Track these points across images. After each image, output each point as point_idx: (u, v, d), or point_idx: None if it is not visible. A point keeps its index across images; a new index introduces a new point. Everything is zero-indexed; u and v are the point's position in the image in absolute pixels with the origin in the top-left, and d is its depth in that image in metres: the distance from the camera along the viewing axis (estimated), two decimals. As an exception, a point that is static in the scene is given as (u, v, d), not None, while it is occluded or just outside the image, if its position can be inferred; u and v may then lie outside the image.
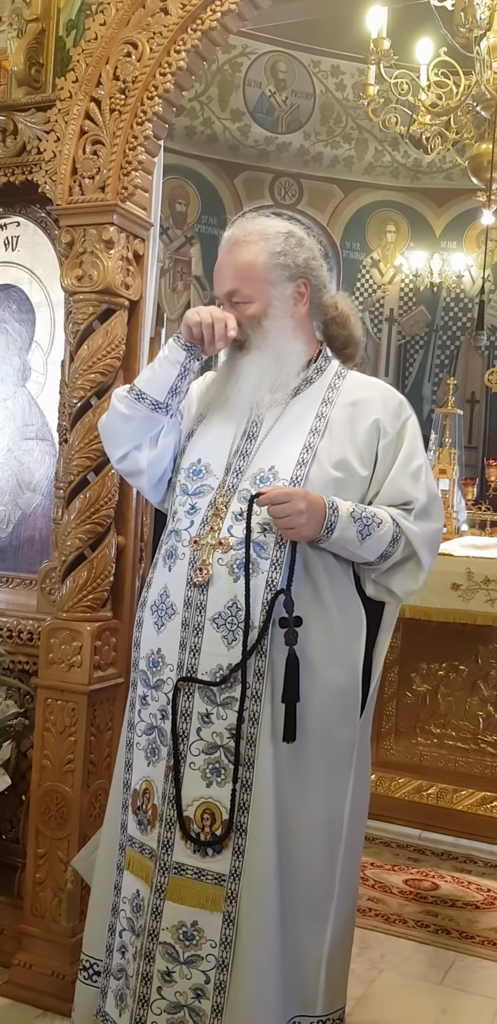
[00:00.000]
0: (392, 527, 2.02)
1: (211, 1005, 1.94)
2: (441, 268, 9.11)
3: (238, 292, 2.08)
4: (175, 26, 2.61)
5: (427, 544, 2.06)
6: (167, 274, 8.68)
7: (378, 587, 2.09)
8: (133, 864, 2.08)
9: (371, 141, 8.81)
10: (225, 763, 1.96)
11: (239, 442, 2.10)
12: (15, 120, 2.84)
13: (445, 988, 2.82)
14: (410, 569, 2.07)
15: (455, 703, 4.15)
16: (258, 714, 1.95)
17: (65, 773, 2.62)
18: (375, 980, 2.82)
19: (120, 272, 2.68)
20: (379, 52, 5.25)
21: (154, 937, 1.97)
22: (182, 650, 2.00)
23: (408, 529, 2.03)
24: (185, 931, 1.96)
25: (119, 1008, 2.06)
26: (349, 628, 2.05)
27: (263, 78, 8.42)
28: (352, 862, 2.10)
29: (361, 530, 1.99)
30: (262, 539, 1.98)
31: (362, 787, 2.12)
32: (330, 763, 2.02)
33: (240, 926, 1.93)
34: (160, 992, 1.97)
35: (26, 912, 2.66)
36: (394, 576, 2.07)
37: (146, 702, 2.08)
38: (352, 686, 2.04)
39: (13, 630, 2.86)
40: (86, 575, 2.64)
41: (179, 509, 2.09)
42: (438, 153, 6.05)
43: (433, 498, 2.09)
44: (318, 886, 2.02)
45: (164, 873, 1.98)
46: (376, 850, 3.81)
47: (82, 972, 2.20)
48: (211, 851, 1.96)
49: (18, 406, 3.10)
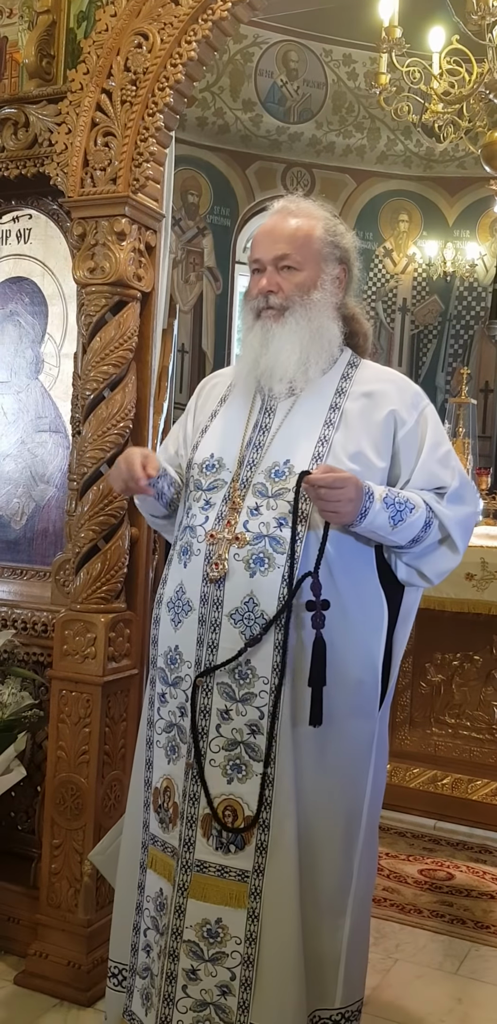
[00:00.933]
0: (425, 511, 2.00)
1: (237, 1002, 1.93)
2: (454, 257, 9.05)
3: (290, 257, 2.05)
4: (186, 17, 2.60)
5: (461, 526, 2.04)
6: (179, 265, 8.67)
7: (410, 570, 2.07)
8: (156, 862, 2.06)
9: (383, 130, 8.76)
10: (246, 759, 1.95)
11: (252, 434, 2.08)
12: (26, 112, 2.84)
13: (460, 977, 2.82)
14: (443, 552, 2.05)
15: (470, 693, 4.13)
16: (278, 709, 1.93)
17: (80, 764, 2.63)
18: (390, 970, 2.83)
19: (132, 264, 2.68)
20: (391, 40, 5.21)
21: (178, 935, 1.96)
22: (199, 647, 1.99)
23: (441, 513, 2.01)
24: (209, 928, 1.95)
25: (145, 1007, 2.06)
26: (369, 620, 2.03)
27: (275, 68, 8.38)
28: (369, 855, 2.10)
29: (393, 516, 1.96)
30: (278, 534, 1.96)
31: (380, 779, 2.12)
32: (350, 756, 2.01)
33: (264, 922, 1.92)
34: (185, 990, 1.96)
35: (42, 902, 2.68)
36: (427, 559, 2.05)
37: (165, 699, 2.07)
38: (371, 678, 2.03)
39: (27, 622, 2.87)
40: (100, 567, 2.65)
41: (193, 505, 2.08)
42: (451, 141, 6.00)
43: (465, 482, 2.08)
44: (337, 879, 2.01)
45: (186, 871, 1.97)
46: (391, 840, 3.81)
47: (111, 979, 2.18)
48: (234, 848, 1.95)
49: (31, 398, 3.11)
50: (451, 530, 2.03)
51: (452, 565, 2.07)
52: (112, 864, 2.27)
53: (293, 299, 2.05)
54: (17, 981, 2.65)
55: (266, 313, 2.06)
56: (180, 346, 8.55)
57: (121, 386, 2.68)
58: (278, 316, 2.05)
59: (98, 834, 2.59)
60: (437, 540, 2.03)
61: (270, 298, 2.06)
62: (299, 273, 2.06)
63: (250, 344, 2.10)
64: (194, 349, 8.83)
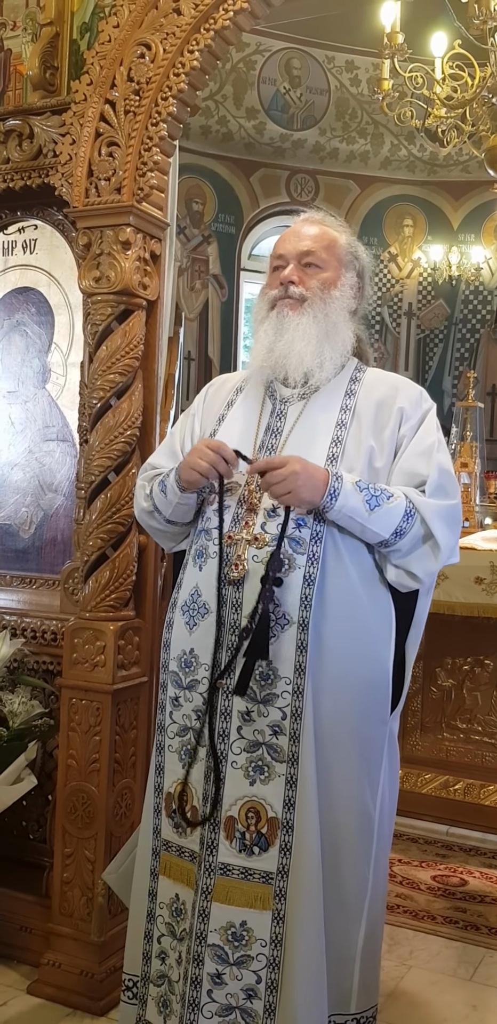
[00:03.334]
0: (404, 501, 1.98)
1: (263, 1005, 1.92)
2: (459, 261, 9.05)
3: (315, 254, 2.12)
4: (188, 26, 2.61)
5: (441, 517, 2.00)
6: (185, 273, 8.69)
7: (399, 571, 2.03)
8: (170, 868, 2.06)
9: (387, 135, 8.77)
10: (268, 760, 1.95)
11: (263, 437, 2.09)
12: (31, 124, 2.86)
13: (475, 984, 2.80)
14: (429, 549, 2.01)
15: (481, 698, 4.11)
16: (300, 709, 1.93)
17: (90, 772, 2.63)
18: (404, 977, 2.81)
19: (137, 272, 2.68)
20: (393, 46, 5.23)
21: (202, 940, 1.94)
22: (218, 649, 1.99)
23: (421, 503, 1.98)
24: (234, 932, 1.94)
25: (163, 1015, 2.04)
26: (378, 624, 2.03)
27: (277, 75, 8.41)
28: (383, 859, 2.09)
29: (368, 500, 1.95)
30: (297, 535, 1.97)
31: (393, 784, 2.11)
32: (364, 759, 2.01)
33: (288, 923, 1.92)
34: (210, 995, 1.94)
35: (54, 911, 2.68)
36: (414, 556, 2.01)
37: (178, 703, 2.06)
38: (382, 680, 2.03)
39: (37, 631, 2.87)
40: (108, 575, 2.65)
41: (207, 508, 2.09)
42: (454, 146, 6.01)
43: (446, 474, 2.05)
44: (354, 883, 2.01)
45: (210, 875, 1.96)
46: (403, 846, 3.79)
47: (125, 992, 2.16)
48: (257, 849, 1.94)
49: (38, 408, 3.12)
50: (430, 522, 1.98)
51: (440, 561, 2.02)
52: (125, 882, 2.25)
53: (314, 292, 2.09)
54: (30, 991, 2.64)
55: (284, 302, 2.09)
56: (186, 354, 8.57)
57: (128, 394, 2.68)
58: (296, 306, 2.09)
59: (109, 842, 2.59)
60: (421, 535, 1.99)
61: (290, 288, 2.09)
62: (322, 272, 2.12)
63: (264, 333, 2.12)
64: (200, 356, 8.84)
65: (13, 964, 2.76)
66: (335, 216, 2.25)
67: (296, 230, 2.17)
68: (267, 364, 2.11)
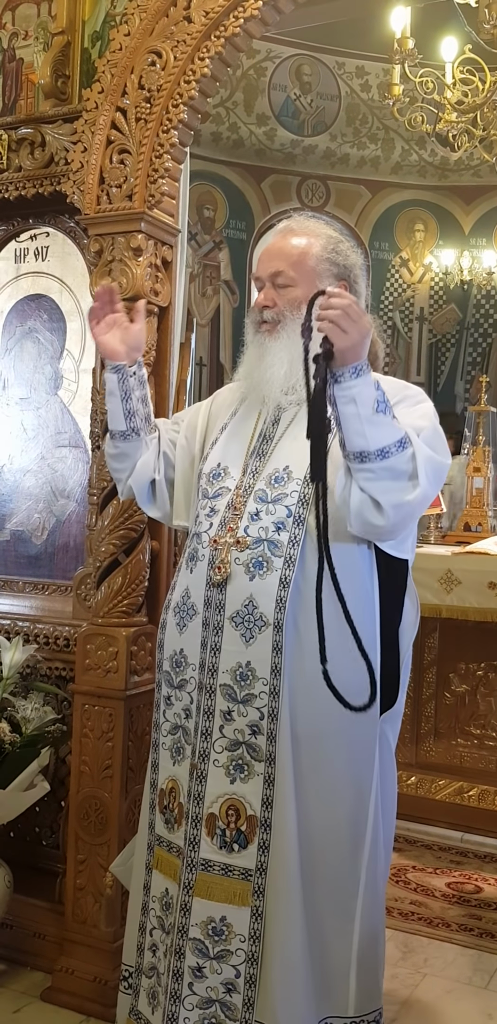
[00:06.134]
0: (404, 431, 1.91)
1: (242, 999, 1.97)
2: (471, 265, 9.02)
3: (283, 274, 2.10)
4: (198, 34, 2.62)
5: (430, 464, 1.92)
6: (196, 279, 8.71)
7: (363, 496, 1.90)
8: (162, 863, 2.11)
9: (397, 140, 8.77)
10: (248, 759, 1.99)
11: (256, 443, 2.14)
12: (43, 132, 2.87)
13: (490, 992, 2.78)
14: (403, 485, 1.90)
15: (495, 703, 4.09)
16: (277, 710, 1.97)
17: (103, 779, 2.63)
18: (419, 985, 2.79)
19: (149, 279, 2.69)
20: (403, 51, 5.22)
21: (184, 933, 2.00)
22: (203, 649, 2.05)
23: (418, 444, 1.91)
24: (214, 926, 1.99)
25: (151, 1006, 2.10)
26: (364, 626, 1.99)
27: (288, 81, 8.42)
28: (380, 860, 2.10)
29: (379, 400, 1.87)
30: (276, 537, 2.01)
31: (389, 785, 2.13)
32: (351, 759, 2.02)
33: (267, 920, 1.96)
34: (191, 988, 1.99)
35: (67, 918, 2.68)
36: (384, 484, 1.89)
37: (170, 702, 2.13)
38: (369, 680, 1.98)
39: (49, 637, 2.88)
40: (121, 581, 2.65)
41: (200, 513, 2.14)
42: (465, 150, 5.99)
43: (440, 437, 2.00)
44: (342, 882, 2.02)
45: (192, 870, 2.01)
46: (418, 853, 3.77)
47: (123, 982, 2.22)
48: (237, 847, 1.98)
49: (51, 414, 3.13)
50: (420, 465, 1.89)
51: (410, 500, 1.91)
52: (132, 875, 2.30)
53: (285, 314, 2.09)
54: (43, 997, 2.64)
55: (262, 327, 2.12)
56: (198, 359, 8.58)
57: (140, 400, 2.68)
58: (272, 329, 2.10)
59: (122, 849, 2.59)
60: (403, 471, 1.89)
61: (264, 312, 2.12)
62: (293, 289, 2.09)
63: (249, 357, 2.17)
64: (212, 362, 8.86)
65: (26, 970, 2.76)
66: (318, 217, 2.22)
67: (268, 247, 2.16)
68: (249, 387, 2.16)
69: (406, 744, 4.18)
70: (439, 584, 4.01)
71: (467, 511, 5.40)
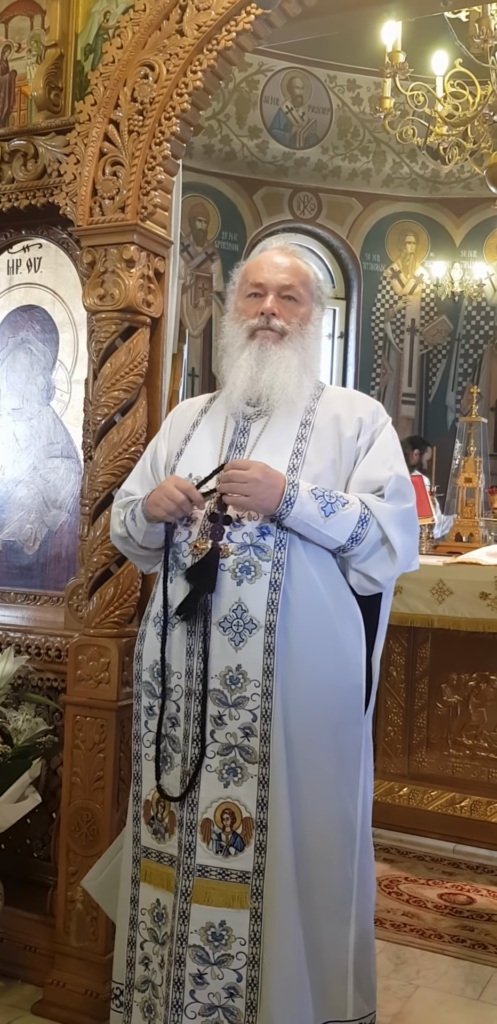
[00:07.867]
0: (359, 507, 2.05)
1: (245, 1002, 1.97)
2: (462, 277, 9.06)
3: (294, 288, 2.19)
4: (191, 47, 2.63)
5: (397, 521, 2.07)
6: (188, 291, 8.72)
7: (359, 575, 2.11)
8: (150, 874, 2.11)
9: (389, 153, 8.81)
10: (241, 762, 2.00)
11: (228, 452, 2.16)
12: (35, 144, 2.88)
13: (483, 1004, 2.77)
14: (386, 553, 2.08)
15: (487, 714, 4.10)
16: (270, 711, 1.99)
17: (95, 790, 2.62)
18: (411, 996, 2.79)
19: (141, 290, 2.70)
20: (395, 65, 5.27)
21: (183, 941, 1.99)
22: (189, 656, 2.05)
23: (376, 508, 2.05)
24: (214, 932, 1.98)
25: (147, 1019, 2.09)
26: (347, 627, 2.09)
27: (280, 94, 8.46)
28: (367, 861, 2.13)
29: (324, 507, 2.02)
30: (262, 542, 2.03)
31: (369, 787, 2.17)
32: (341, 760, 2.05)
33: (265, 920, 1.96)
34: (193, 995, 1.99)
35: (58, 931, 2.66)
36: (371, 562, 2.08)
37: (153, 712, 2.13)
38: (355, 683, 2.09)
39: (41, 647, 2.87)
40: (113, 591, 2.65)
41: (178, 523, 2.14)
42: (456, 163, 6.05)
43: (402, 480, 2.12)
44: (337, 884, 2.04)
45: (188, 877, 2.01)
46: (410, 864, 3.77)
47: (113, 1000, 2.20)
48: (233, 850, 1.99)
49: (43, 425, 3.13)
50: (385, 525, 2.05)
51: (397, 564, 2.09)
52: (106, 890, 2.29)
53: (293, 326, 2.16)
54: (34, 1011, 2.62)
55: (265, 334, 2.15)
56: (190, 370, 8.59)
57: (132, 411, 2.69)
58: (277, 339, 2.15)
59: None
60: (378, 539, 2.06)
61: (272, 320, 2.15)
62: (300, 306, 2.19)
63: (245, 361, 2.17)
64: (204, 373, 8.86)
65: (17, 984, 2.75)
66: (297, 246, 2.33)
67: (273, 261, 2.22)
68: (251, 392, 2.16)
69: (398, 755, 4.19)
70: (431, 594, 4.02)
71: (459, 521, 5.42)
